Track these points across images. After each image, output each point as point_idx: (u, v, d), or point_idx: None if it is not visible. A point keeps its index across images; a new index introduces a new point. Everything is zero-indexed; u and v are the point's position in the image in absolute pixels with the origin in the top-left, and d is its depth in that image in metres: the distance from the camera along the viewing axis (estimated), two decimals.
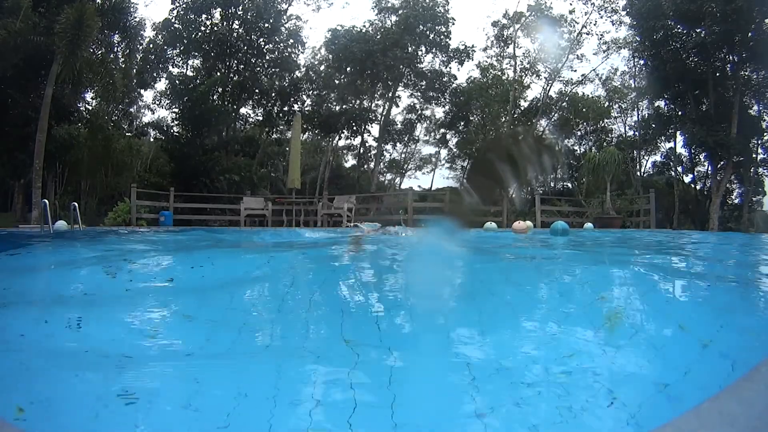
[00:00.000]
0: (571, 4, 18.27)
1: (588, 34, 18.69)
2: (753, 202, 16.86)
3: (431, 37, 18.29)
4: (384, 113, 20.41)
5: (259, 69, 17.63)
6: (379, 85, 19.14)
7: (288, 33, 17.89)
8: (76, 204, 6.23)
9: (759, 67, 14.16)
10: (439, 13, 18.04)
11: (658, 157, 20.06)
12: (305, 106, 19.25)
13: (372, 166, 21.99)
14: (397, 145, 24.21)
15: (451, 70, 19.43)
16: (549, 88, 20.14)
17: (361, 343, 1.36)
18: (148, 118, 19.73)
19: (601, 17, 18.01)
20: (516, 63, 19.82)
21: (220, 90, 16.26)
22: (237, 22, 17.03)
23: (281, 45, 17.94)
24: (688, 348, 1.40)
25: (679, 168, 18.09)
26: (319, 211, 10.89)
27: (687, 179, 18.27)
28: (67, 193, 11.97)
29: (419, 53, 18.76)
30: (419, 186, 26.22)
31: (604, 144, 18.69)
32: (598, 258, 3.97)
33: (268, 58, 17.68)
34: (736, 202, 17.74)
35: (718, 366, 1.26)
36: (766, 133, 15.39)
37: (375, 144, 21.42)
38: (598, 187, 12.98)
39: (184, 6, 16.55)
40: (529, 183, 12.28)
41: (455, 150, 23.72)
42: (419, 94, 20.64)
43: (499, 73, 20.22)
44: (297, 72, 18.68)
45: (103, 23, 11.99)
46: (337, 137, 21.44)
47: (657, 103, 17.63)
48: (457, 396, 1.14)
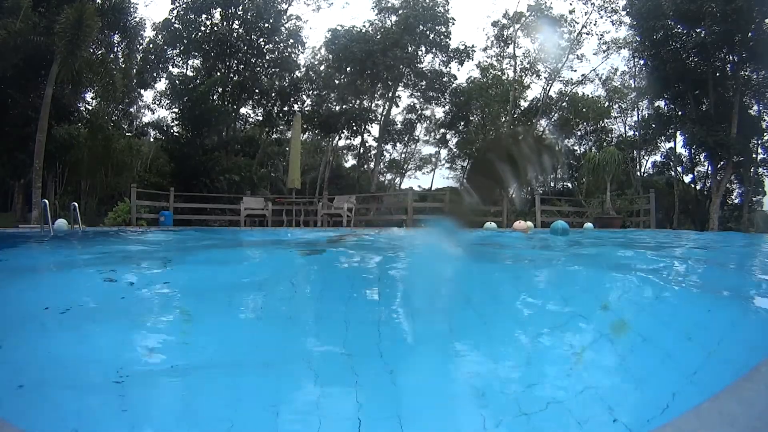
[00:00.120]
0: (571, 4, 18.32)
1: (588, 34, 18.73)
2: (753, 202, 16.88)
3: (431, 37, 18.28)
4: (384, 113, 20.42)
5: (259, 69, 17.63)
6: (379, 85, 19.13)
7: (288, 33, 17.89)
8: (76, 204, 6.23)
9: (759, 67, 14.16)
10: (439, 13, 18.03)
11: (658, 157, 20.12)
12: (305, 106, 19.26)
13: (372, 166, 21.98)
14: (397, 145, 24.21)
15: (451, 70, 19.45)
16: (549, 88, 20.17)
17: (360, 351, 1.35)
18: (148, 118, 19.78)
19: (601, 17, 18.05)
20: (516, 63, 19.84)
21: (220, 90, 16.25)
22: (237, 22, 17.03)
23: (281, 45, 17.94)
24: (694, 354, 1.38)
25: (679, 168, 18.11)
26: (319, 211, 10.89)
27: (687, 179, 18.29)
28: (67, 193, 11.97)
29: (419, 53, 18.75)
30: (419, 186, 26.24)
31: (604, 144, 18.69)
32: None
33: (268, 58, 17.67)
34: (736, 202, 17.77)
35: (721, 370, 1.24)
36: (766, 133, 15.39)
37: (375, 144, 21.42)
38: (598, 187, 12.98)
39: (184, 6, 16.55)
40: (529, 183, 12.29)
41: (455, 150, 23.72)
42: (419, 94, 20.63)
43: (499, 73, 20.23)
44: (297, 72, 18.69)
45: (103, 23, 11.99)
46: (337, 137, 21.43)
47: (657, 103, 17.64)
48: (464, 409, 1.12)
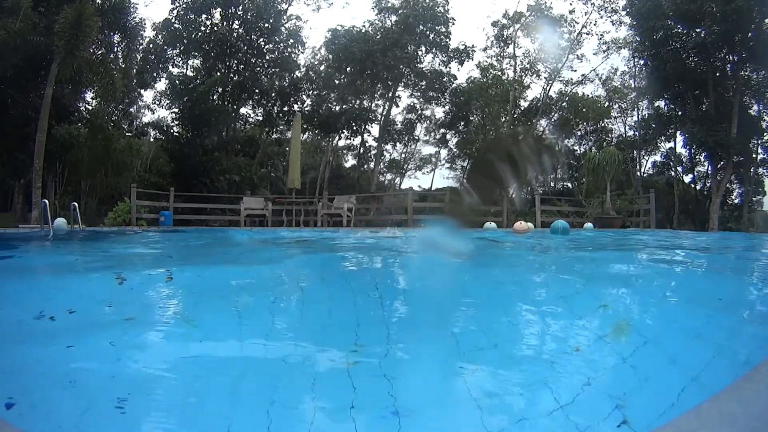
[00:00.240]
0: (571, 4, 18.33)
1: (588, 34, 18.74)
2: (753, 202, 16.89)
3: (431, 37, 18.28)
4: (384, 113, 20.42)
5: (259, 69, 17.63)
6: (379, 85, 19.13)
7: (288, 33, 17.89)
8: (76, 204, 6.24)
9: (759, 67, 14.17)
10: (439, 13, 18.03)
11: (658, 157, 20.13)
12: (305, 106, 19.26)
13: (372, 166, 21.99)
14: (397, 145, 24.24)
15: (451, 70, 19.45)
16: (549, 88, 20.18)
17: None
18: (148, 118, 19.75)
19: (601, 17, 18.07)
20: (516, 63, 19.84)
21: (220, 90, 16.25)
22: (237, 22, 17.03)
23: (281, 45, 17.94)
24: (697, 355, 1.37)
25: (679, 168, 18.11)
26: (319, 211, 10.89)
27: (687, 179, 18.30)
28: (67, 193, 11.97)
29: (419, 53, 18.75)
30: (419, 186, 26.27)
31: (604, 144, 18.70)
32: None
33: (268, 58, 17.68)
34: (736, 202, 17.77)
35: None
36: (766, 133, 15.40)
37: (375, 144, 21.43)
38: (598, 187, 12.97)
39: (184, 6, 16.55)
40: (529, 183, 12.31)
41: (455, 150, 23.74)
42: (419, 94, 20.64)
43: (499, 73, 20.24)
44: (297, 72, 18.69)
45: (103, 23, 11.98)
46: (337, 137, 21.45)
47: (657, 103, 17.65)
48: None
